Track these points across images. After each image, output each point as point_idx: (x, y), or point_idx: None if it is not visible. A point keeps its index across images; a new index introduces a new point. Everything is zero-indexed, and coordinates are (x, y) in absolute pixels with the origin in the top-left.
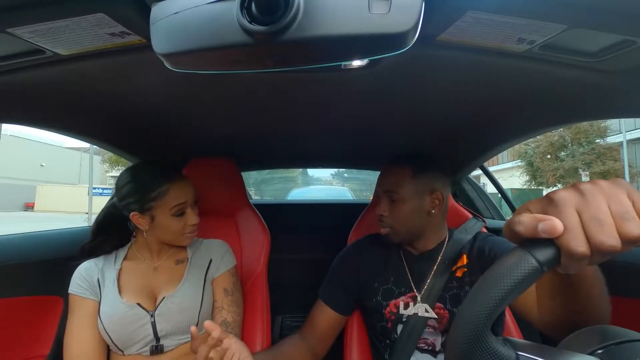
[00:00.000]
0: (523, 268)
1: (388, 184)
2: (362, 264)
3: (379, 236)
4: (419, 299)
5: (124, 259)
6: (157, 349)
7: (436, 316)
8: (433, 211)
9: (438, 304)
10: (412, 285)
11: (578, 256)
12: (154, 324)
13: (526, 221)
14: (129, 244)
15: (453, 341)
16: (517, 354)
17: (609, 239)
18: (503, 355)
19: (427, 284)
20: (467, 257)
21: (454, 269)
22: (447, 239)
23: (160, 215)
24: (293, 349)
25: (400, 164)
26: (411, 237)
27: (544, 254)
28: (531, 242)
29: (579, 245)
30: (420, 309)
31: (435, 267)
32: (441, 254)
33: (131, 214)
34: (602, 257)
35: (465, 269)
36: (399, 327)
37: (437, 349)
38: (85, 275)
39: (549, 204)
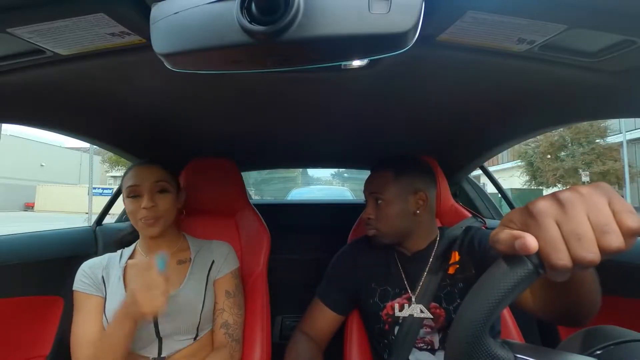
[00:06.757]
0: (519, 271)
1: (372, 187)
2: (359, 264)
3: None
4: (413, 299)
5: (129, 257)
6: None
7: (432, 316)
8: (418, 211)
9: (433, 304)
10: (407, 286)
11: (559, 268)
12: (156, 324)
13: (504, 239)
14: (135, 243)
15: (452, 344)
16: (515, 357)
17: (588, 254)
18: (501, 358)
19: (421, 284)
20: (459, 254)
21: (446, 266)
22: (438, 238)
23: (124, 195)
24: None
25: (383, 168)
26: (399, 239)
27: (540, 257)
28: None
29: (560, 258)
30: (416, 310)
31: (428, 267)
32: (433, 253)
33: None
34: (583, 268)
35: (457, 266)
36: (396, 329)
37: (436, 347)
38: (89, 272)
39: (529, 217)
